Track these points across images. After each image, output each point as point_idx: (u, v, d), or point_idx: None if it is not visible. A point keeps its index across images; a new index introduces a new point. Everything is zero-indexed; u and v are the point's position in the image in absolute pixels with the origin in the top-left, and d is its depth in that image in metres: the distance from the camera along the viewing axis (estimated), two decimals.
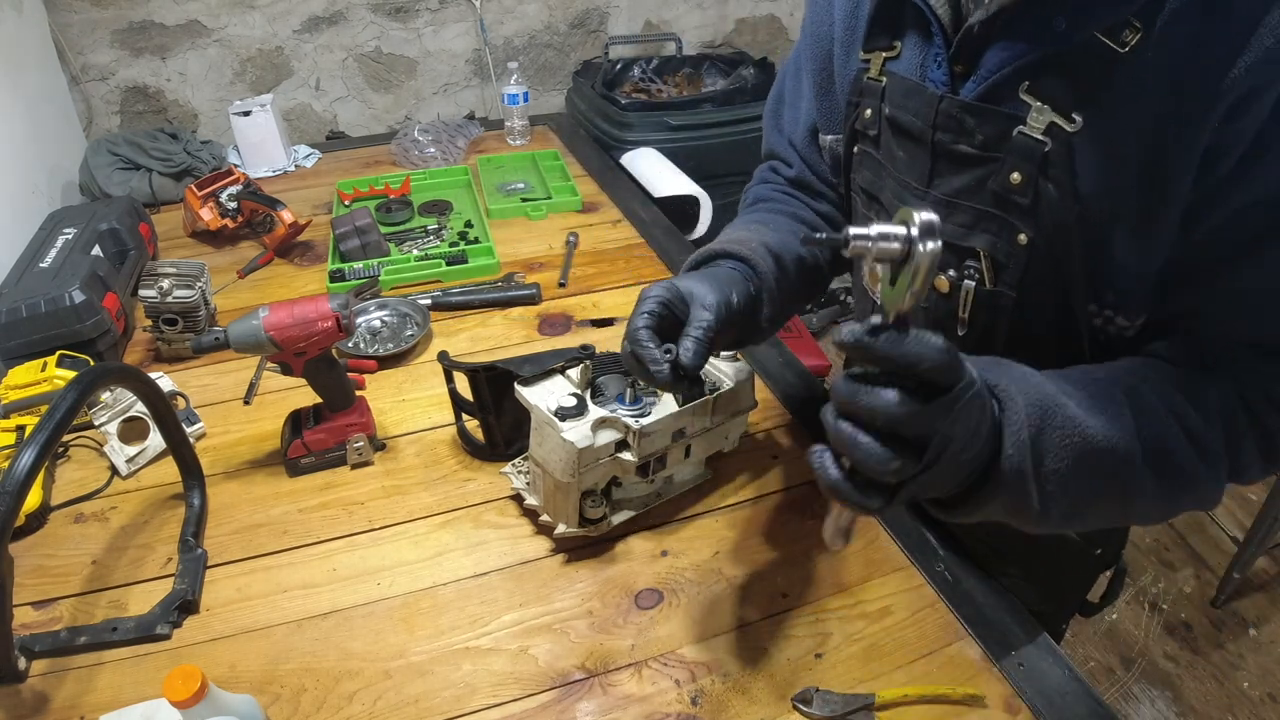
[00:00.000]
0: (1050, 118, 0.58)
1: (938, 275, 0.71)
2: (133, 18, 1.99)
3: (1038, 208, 0.62)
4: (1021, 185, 0.62)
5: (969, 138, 0.64)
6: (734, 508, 0.97)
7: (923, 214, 0.45)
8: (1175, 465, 0.58)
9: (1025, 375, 0.57)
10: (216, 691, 0.65)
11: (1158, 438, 0.58)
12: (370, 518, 0.96)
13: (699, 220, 1.89)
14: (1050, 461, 0.55)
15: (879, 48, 0.73)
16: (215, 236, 1.56)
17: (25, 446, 0.69)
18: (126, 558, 0.91)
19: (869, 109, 0.75)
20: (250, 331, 0.92)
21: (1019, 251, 0.65)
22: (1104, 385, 0.59)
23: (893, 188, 0.74)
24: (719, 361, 0.96)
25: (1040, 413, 0.55)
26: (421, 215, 1.66)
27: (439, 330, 1.31)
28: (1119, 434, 0.57)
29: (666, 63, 2.42)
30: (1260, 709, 1.78)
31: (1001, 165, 0.63)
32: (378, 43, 2.22)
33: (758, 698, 0.76)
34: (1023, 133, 0.60)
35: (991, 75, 0.62)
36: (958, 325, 0.72)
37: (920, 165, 0.70)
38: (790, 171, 0.97)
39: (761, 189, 1.01)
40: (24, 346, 1.13)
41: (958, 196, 0.67)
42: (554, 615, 0.84)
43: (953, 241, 0.69)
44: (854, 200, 0.86)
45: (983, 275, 0.68)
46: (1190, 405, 0.60)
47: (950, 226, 0.68)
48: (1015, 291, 0.67)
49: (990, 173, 0.64)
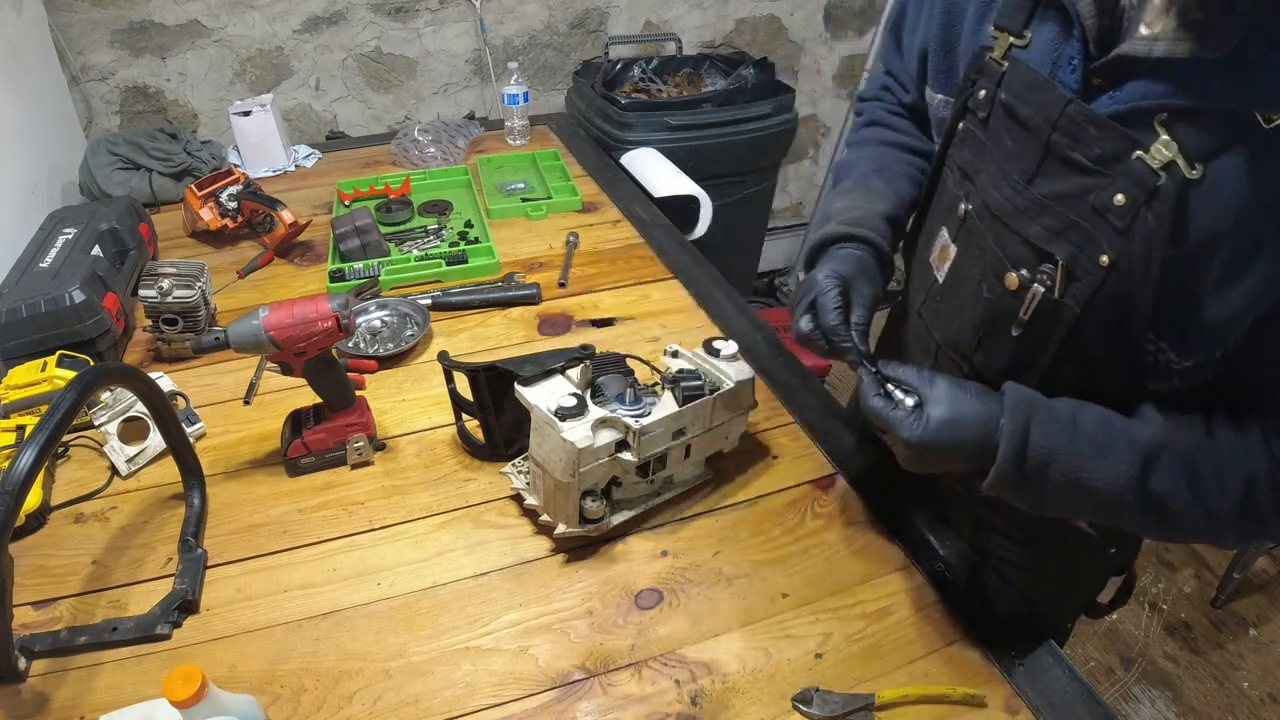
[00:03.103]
0: (1174, 156, 0.57)
1: (1008, 272, 0.71)
2: (133, 18, 1.99)
3: (1130, 234, 0.61)
4: (1122, 209, 0.61)
5: (1086, 148, 0.63)
6: (734, 508, 0.97)
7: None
8: (1175, 518, 0.65)
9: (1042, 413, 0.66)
10: (216, 691, 0.65)
11: (1160, 495, 0.64)
12: (370, 518, 0.96)
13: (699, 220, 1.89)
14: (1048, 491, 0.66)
15: (1010, 30, 0.69)
16: (215, 236, 1.56)
17: (25, 446, 0.69)
18: (126, 558, 0.91)
19: (984, 90, 0.72)
20: (250, 331, 0.92)
21: (1097, 270, 0.64)
22: (1121, 435, 0.65)
23: (991, 173, 0.73)
24: (719, 361, 0.96)
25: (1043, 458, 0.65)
26: (421, 215, 1.66)
27: (439, 330, 1.31)
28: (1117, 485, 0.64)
29: (666, 63, 2.42)
30: (1260, 709, 1.78)
31: (1110, 183, 0.62)
32: (378, 43, 2.22)
33: (758, 698, 0.76)
34: (1142, 159, 0.59)
35: (1133, 102, 0.60)
36: (1014, 325, 0.72)
37: (1027, 160, 0.68)
38: (907, 98, 0.96)
39: (877, 109, 0.99)
40: (24, 346, 1.14)
41: (1054, 200, 0.66)
42: (554, 615, 0.84)
43: (1035, 243, 0.68)
44: (945, 174, 0.83)
45: (1054, 283, 0.68)
46: (1209, 466, 0.63)
47: (1036, 228, 0.68)
48: (1080, 307, 0.67)
49: (1095, 186, 0.63)
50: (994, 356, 0.77)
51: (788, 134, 2.31)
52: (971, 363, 0.80)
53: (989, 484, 0.66)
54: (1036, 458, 0.65)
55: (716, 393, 0.92)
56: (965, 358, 0.80)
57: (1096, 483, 0.64)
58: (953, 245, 0.79)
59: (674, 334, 1.29)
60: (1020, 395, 0.67)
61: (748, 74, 2.33)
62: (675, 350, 1.00)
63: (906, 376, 0.70)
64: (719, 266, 1.49)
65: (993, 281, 0.73)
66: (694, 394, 0.90)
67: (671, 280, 1.44)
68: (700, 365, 0.97)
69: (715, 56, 2.46)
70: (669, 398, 0.90)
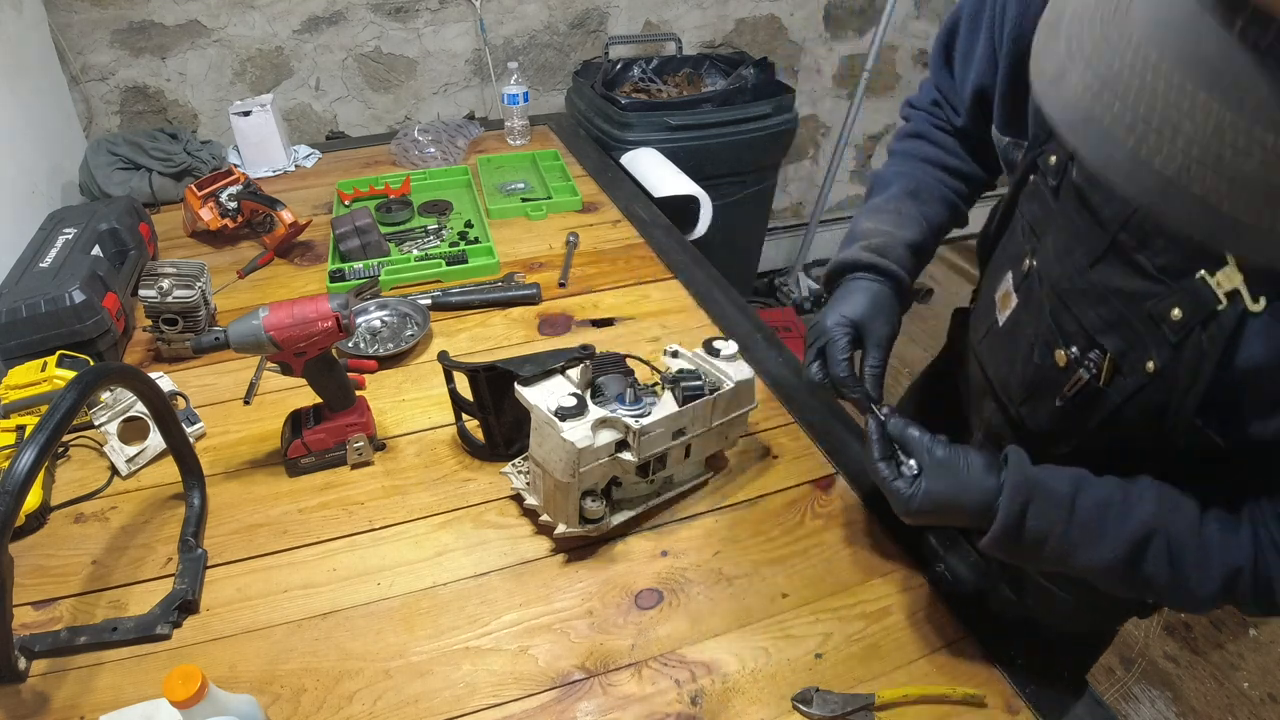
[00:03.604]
0: (1238, 285, 0.56)
1: (1059, 348, 0.71)
2: (133, 18, 1.99)
3: (1181, 349, 0.61)
4: (1177, 323, 0.60)
5: (1152, 254, 0.62)
6: (734, 508, 0.97)
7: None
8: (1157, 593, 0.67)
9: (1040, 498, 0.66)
10: (216, 691, 0.65)
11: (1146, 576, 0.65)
12: (370, 518, 0.96)
13: (699, 220, 1.89)
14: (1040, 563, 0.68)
15: None
16: (215, 236, 1.56)
17: (25, 446, 0.69)
18: (126, 558, 0.91)
19: (1055, 156, 0.70)
20: (250, 331, 0.92)
21: (1142, 373, 0.64)
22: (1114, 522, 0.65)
23: (1056, 244, 0.71)
24: (719, 361, 0.96)
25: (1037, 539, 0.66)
26: (421, 215, 1.66)
27: (439, 330, 1.31)
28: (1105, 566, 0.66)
29: (666, 63, 2.42)
30: (1260, 709, 1.78)
31: (1169, 294, 0.61)
32: (378, 43, 2.22)
33: (758, 698, 0.76)
34: (1205, 279, 0.58)
35: None
36: (1058, 396, 0.73)
37: (1091, 247, 0.66)
38: (958, 121, 0.92)
39: (924, 122, 0.95)
40: (24, 346, 1.13)
41: (1113, 294, 0.65)
42: (554, 615, 0.84)
43: (1087, 329, 0.68)
44: (1016, 218, 0.80)
45: (1100, 372, 0.68)
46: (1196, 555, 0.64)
47: (1092, 315, 0.67)
48: (1122, 399, 0.67)
49: (1154, 294, 0.62)
50: (1037, 416, 0.77)
51: (788, 134, 2.31)
52: (1018, 412, 0.80)
53: (982, 547, 0.68)
54: (1031, 538, 0.66)
55: (716, 393, 0.92)
56: (1013, 403, 0.81)
57: (1086, 562, 0.66)
58: (1014, 295, 0.78)
59: (674, 334, 1.29)
60: (1022, 477, 0.67)
61: (748, 74, 2.33)
62: (675, 350, 1.00)
63: (911, 439, 0.70)
64: (719, 266, 1.49)
65: (1044, 350, 0.73)
66: (694, 394, 0.90)
67: (671, 280, 1.44)
68: (700, 365, 0.97)
69: (715, 56, 2.46)
70: (669, 398, 0.90)
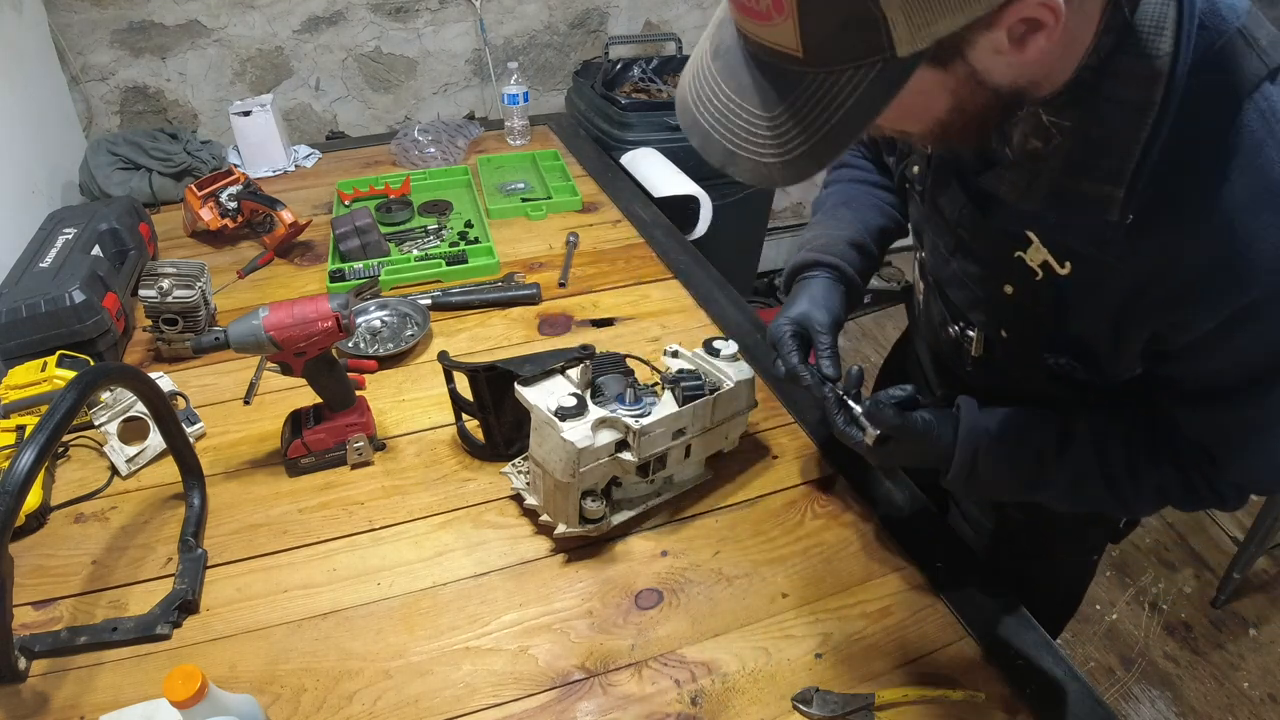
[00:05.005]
0: (1046, 257, 0.67)
1: (950, 325, 0.85)
2: (133, 18, 1.99)
3: (1021, 315, 0.74)
4: (1012, 296, 0.72)
5: (981, 245, 0.74)
6: (734, 508, 0.97)
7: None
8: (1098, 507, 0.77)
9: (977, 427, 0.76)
10: (216, 691, 0.65)
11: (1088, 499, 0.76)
12: (370, 518, 0.96)
13: (699, 220, 1.89)
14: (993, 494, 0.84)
15: None
16: (215, 236, 1.56)
17: (25, 446, 0.69)
18: (126, 558, 0.91)
19: (917, 165, 0.81)
20: (250, 331, 0.92)
21: (999, 339, 0.79)
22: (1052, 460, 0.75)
23: (929, 238, 0.83)
24: (719, 361, 0.96)
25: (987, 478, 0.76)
26: (421, 215, 1.66)
27: (439, 330, 1.31)
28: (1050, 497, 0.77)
29: (666, 63, 2.42)
30: (1260, 709, 1.78)
31: (1002, 273, 0.72)
32: (377, 43, 2.22)
33: (758, 698, 0.76)
34: (1021, 258, 0.69)
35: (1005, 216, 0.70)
36: (966, 364, 0.86)
37: (946, 241, 0.79)
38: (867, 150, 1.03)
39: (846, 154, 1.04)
40: (24, 346, 1.13)
41: (968, 279, 0.78)
42: (554, 615, 0.84)
43: (960, 308, 0.82)
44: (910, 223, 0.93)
45: (974, 344, 0.82)
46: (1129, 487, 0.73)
47: (959, 296, 0.81)
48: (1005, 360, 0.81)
49: (992, 275, 0.74)
50: (964, 378, 0.89)
51: None
52: (954, 375, 0.92)
53: (944, 485, 0.79)
54: (984, 477, 0.76)
55: (716, 393, 0.92)
56: (947, 368, 0.94)
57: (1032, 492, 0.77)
58: (920, 282, 0.93)
59: (674, 334, 1.29)
60: (970, 426, 0.76)
61: None
62: (675, 350, 1.00)
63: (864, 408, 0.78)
64: (719, 266, 1.49)
65: (941, 328, 0.88)
66: (694, 394, 0.90)
67: (671, 280, 1.44)
68: (700, 365, 0.97)
69: None
70: (669, 398, 0.90)
